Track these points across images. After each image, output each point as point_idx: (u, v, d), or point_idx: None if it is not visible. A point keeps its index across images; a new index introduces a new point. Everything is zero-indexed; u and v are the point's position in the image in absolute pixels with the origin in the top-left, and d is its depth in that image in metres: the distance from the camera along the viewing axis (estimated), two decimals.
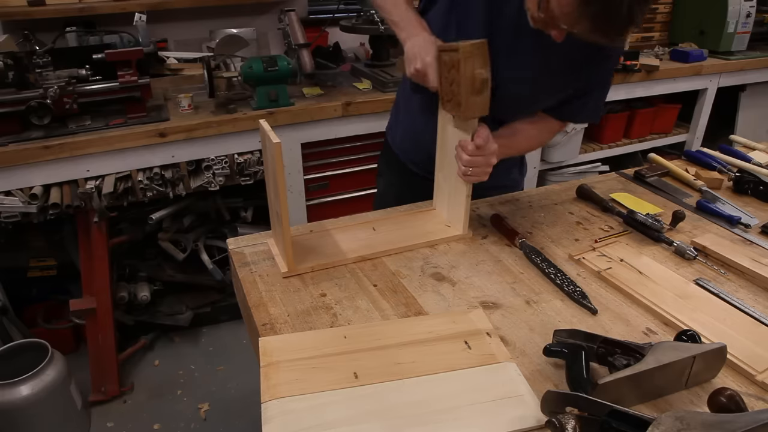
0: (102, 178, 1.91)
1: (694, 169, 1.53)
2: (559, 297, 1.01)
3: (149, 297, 2.23)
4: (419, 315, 0.96)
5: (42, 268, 2.32)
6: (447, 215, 1.25)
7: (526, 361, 0.86)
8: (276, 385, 0.79)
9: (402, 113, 1.44)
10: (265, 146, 1.03)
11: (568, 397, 0.71)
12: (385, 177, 1.56)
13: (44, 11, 2.19)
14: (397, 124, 1.48)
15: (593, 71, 1.17)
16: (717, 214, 1.29)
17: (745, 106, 3.20)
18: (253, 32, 2.61)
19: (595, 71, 1.17)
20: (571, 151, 2.75)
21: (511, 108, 1.21)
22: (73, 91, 1.85)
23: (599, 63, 1.16)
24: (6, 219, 1.81)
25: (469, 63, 0.97)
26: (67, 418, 1.88)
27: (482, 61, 0.98)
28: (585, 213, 1.33)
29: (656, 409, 0.77)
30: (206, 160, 2.02)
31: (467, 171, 1.09)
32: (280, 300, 1.00)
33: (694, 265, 1.11)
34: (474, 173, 1.10)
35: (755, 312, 0.96)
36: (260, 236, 1.20)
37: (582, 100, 1.22)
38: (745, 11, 2.86)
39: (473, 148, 1.06)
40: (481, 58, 0.98)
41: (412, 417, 0.75)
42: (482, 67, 0.98)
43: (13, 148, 1.75)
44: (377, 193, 1.62)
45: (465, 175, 1.10)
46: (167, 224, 2.30)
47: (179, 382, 2.20)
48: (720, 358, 0.80)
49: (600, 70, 1.18)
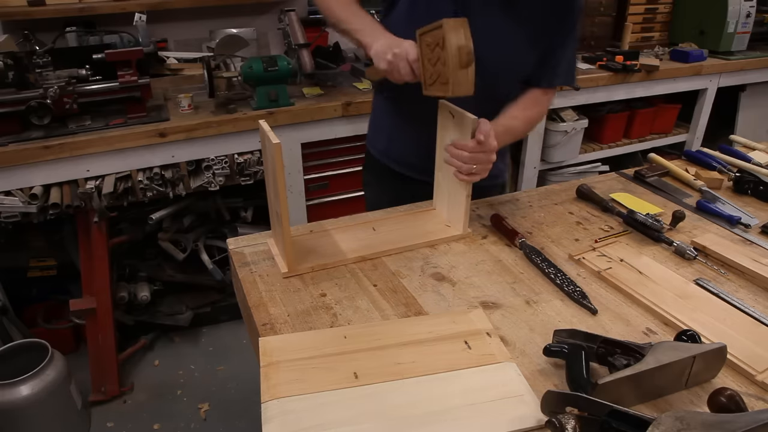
0: (102, 178, 1.91)
1: (694, 169, 1.53)
2: (559, 297, 1.01)
3: (149, 297, 2.23)
4: (419, 315, 0.96)
5: (42, 268, 2.32)
6: (447, 215, 1.25)
7: (526, 361, 0.86)
8: (276, 385, 0.79)
9: (379, 119, 1.47)
10: (264, 146, 1.03)
11: (568, 397, 0.71)
12: (374, 187, 1.56)
13: (44, 11, 2.19)
14: (377, 132, 1.49)
15: (559, 25, 1.22)
16: (717, 214, 1.30)
17: (745, 106, 3.20)
18: (253, 32, 2.61)
19: (560, 25, 1.22)
20: (571, 151, 2.75)
21: (491, 79, 1.20)
22: (73, 91, 1.85)
23: (563, 16, 1.22)
24: (6, 219, 1.81)
25: (454, 36, 0.98)
26: (67, 418, 1.88)
27: (465, 34, 1.00)
28: (585, 213, 1.33)
29: (656, 409, 0.77)
30: (206, 160, 2.02)
31: (470, 169, 1.09)
32: (280, 300, 1.00)
33: (694, 265, 1.11)
34: (476, 171, 1.09)
35: (755, 312, 0.96)
36: (260, 236, 1.20)
37: (555, 59, 1.26)
38: (745, 11, 2.86)
39: (474, 145, 1.07)
40: (464, 31, 1.00)
41: (412, 417, 0.75)
42: (466, 40, 1.00)
43: (13, 148, 1.75)
44: (368, 204, 1.59)
45: (468, 174, 1.10)
46: (167, 224, 2.30)
47: (179, 382, 2.20)
48: (720, 358, 0.80)
49: (565, 23, 1.23)
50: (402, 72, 1.08)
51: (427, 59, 1.06)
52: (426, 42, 1.04)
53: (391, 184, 1.47)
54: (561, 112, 2.65)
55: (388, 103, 1.42)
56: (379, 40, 1.12)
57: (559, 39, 1.24)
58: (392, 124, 1.42)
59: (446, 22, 0.98)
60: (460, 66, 1.00)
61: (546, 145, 2.70)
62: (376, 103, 1.49)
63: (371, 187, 1.58)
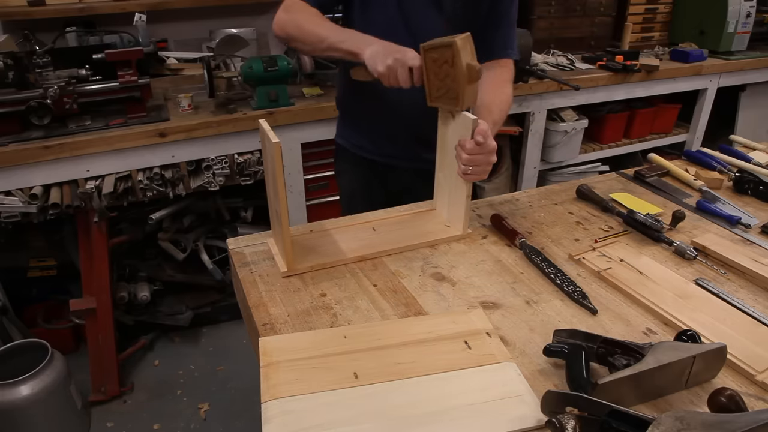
0: (102, 178, 1.91)
1: (694, 169, 1.53)
2: (559, 297, 1.01)
3: (149, 297, 2.23)
4: (419, 315, 0.96)
5: (42, 268, 2.33)
6: (447, 215, 1.25)
7: (526, 361, 0.86)
8: (276, 385, 0.79)
9: (350, 113, 1.53)
10: (264, 146, 1.03)
11: (568, 397, 0.71)
12: (348, 174, 1.60)
13: (44, 11, 2.19)
14: (349, 123, 1.55)
15: (495, 4, 1.31)
16: (717, 214, 1.30)
17: (745, 106, 3.20)
18: (253, 32, 2.61)
19: (496, 4, 1.31)
20: (571, 151, 2.75)
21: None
22: (73, 91, 1.85)
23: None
24: (6, 219, 1.81)
25: (463, 55, 1.01)
26: (67, 418, 1.88)
27: (472, 51, 1.04)
28: (585, 213, 1.33)
29: (656, 409, 0.77)
30: (206, 160, 2.02)
31: (467, 170, 1.10)
32: (280, 300, 1.00)
33: (694, 265, 1.11)
34: (474, 172, 1.10)
35: (755, 312, 0.96)
36: (260, 236, 1.20)
37: (499, 27, 1.34)
38: (745, 11, 2.86)
39: (472, 146, 1.07)
40: (471, 48, 1.03)
41: (412, 417, 0.75)
42: (473, 56, 1.04)
43: (13, 148, 1.75)
44: (343, 192, 1.65)
45: (465, 174, 1.11)
46: (167, 224, 2.30)
47: (179, 382, 2.20)
48: (720, 358, 0.80)
49: (502, 2, 1.32)
50: (400, 78, 1.08)
51: (433, 74, 1.08)
52: (432, 57, 1.07)
53: (363, 171, 1.54)
54: (561, 112, 2.65)
55: (361, 98, 1.45)
56: (372, 45, 1.11)
57: (497, 19, 1.33)
58: (366, 117, 1.48)
59: (456, 42, 1.00)
60: (469, 82, 1.04)
61: (546, 145, 2.70)
62: (345, 97, 1.53)
63: (346, 175, 1.61)
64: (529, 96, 2.48)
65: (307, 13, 1.24)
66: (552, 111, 2.62)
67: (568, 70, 2.62)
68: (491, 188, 2.66)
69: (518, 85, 2.38)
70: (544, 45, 2.85)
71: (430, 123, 1.22)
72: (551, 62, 2.68)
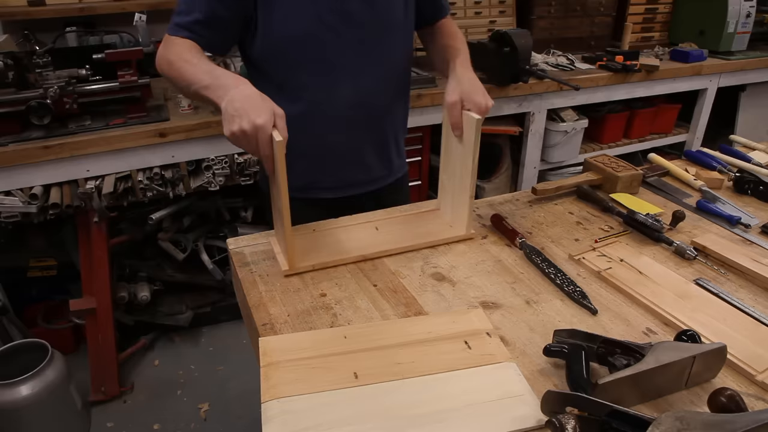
0: (102, 178, 1.91)
1: (694, 169, 1.53)
2: (559, 297, 1.01)
3: (149, 297, 2.23)
4: (419, 315, 0.96)
5: (42, 268, 2.33)
6: (450, 215, 1.25)
7: (526, 361, 0.86)
8: (276, 385, 0.79)
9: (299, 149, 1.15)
10: None
11: (568, 397, 0.71)
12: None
13: (44, 11, 2.19)
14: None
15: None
16: (717, 214, 1.30)
17: (745, 106, 3.21)
18: None
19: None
20: (571, 151, 2.75)
21: (389, 39, 1.26)
22: (73, 91, 1.85)
23: None
24: (6, 219, 1.81)
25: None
26: (67, 418, 1.88)
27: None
28: (585, 213, 1.33)
29: (656, 409, 0.77)
30: (206, 160, 2.02)
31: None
32: (280, 300, 1.00)
33: (694, 265, 1.11)
34: (472, 102, 1.10)
35: (755, 312, 0.96)
36: (260, 236, 1.20)
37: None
38: (745, 11, 2.86)
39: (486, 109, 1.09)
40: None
41: (412, 417, 0.75)
42: None
43: (13, 148, 1.75)
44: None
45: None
46: (167, 224, 2.30)
47: (179, 382, 2.20)
48: (720, 358, 0.80)
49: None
50: (262, 152, 0.89)
51: None
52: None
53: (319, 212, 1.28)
54: (561, 112, 2.65)
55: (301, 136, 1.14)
56: (230, 92, 0.90)
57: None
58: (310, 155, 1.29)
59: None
60: None
61: (546, 145, 2.70)
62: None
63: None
64: (529, 96, 2.48)
65: (180, 48, 1.06)
66: (552, 111, 2.62)
67: (568, 70, 2.62)
68: (491, 188, 2.66)
69: (518, 85, 2.38)
70: (544, 45, 2.85)
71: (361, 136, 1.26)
72: (551, 62, 2.68)
